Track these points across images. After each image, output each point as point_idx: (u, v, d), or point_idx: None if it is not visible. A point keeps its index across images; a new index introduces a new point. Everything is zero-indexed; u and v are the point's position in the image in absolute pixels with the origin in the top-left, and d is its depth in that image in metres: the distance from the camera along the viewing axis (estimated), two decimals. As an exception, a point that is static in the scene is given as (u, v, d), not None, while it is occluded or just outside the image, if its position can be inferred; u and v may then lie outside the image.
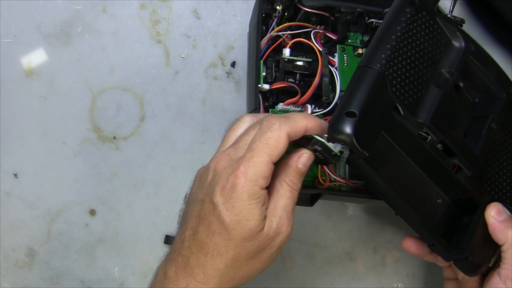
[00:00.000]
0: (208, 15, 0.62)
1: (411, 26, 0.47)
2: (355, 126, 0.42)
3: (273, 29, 0.56)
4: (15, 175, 0.63)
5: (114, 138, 0.63)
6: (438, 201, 0.48)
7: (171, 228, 0.62)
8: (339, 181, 0.53)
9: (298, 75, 0.55)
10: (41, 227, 0.63)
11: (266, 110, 0.54)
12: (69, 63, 0.62)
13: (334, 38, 0.57)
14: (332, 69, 0.55)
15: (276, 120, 0.44)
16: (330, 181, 0.53)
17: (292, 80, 0.55)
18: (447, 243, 0.48)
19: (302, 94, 0.53)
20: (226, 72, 0.63)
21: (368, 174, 0.45)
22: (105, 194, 0.63)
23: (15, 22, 0.62)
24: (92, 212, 0.63)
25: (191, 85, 0.62)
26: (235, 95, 0.64)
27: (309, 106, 0.53)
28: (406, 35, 0.47)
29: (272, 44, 0.55)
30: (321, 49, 0.55)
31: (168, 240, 0.62)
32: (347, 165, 0.54)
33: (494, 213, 0.48)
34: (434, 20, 0.49)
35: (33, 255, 0.64)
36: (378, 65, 0.45)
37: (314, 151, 0.46)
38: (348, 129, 0.43)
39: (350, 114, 0.43)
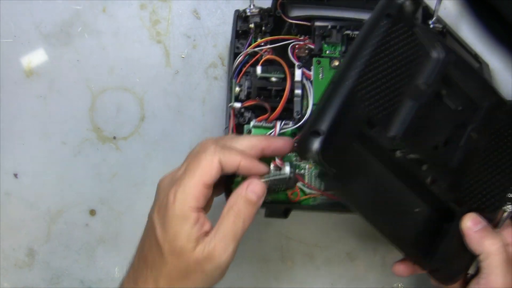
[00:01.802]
0: (208, 15, 0.62)
1: (387, 39, 0.47)
2: (322, 144, 0.43)
3: (249, 44, 0.56)
4: (15, 175, 0.63)
5: (114, 138, 0.63)
6: (416, 210, 0.48)
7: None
8: (314, 193, 0.54)
9: (273, 90, 0.55)
10: (41, 227, 0.63)
11: (242, 127, 0.55)
12: (69, 63, 0.62)
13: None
14: (306, 82, 0.55)
15: (212, 145, 0.46)
16: (305, 194, 0.54)
17: (267, 95, 0.55)
18: (424, 252, 0.48)
19: (274, 110, 0.54)
20: (226, 72, 0.63)
21: (339, 189, 0.46)
22: (105, 194, 0.63)
23: (15, 22, 0.62)
24: (92, 212, 0.63)
25: (191, 85, 0.62)
26: (235, 95, 0.64)
27: (278, 124, 0.53)
28: (381, 48, 0.46)
29: (251, 59, 0.56)
30: (296, 63, 0.55)
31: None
32: None
33: (469, 224, 0.48)
34: (412, 32, 0.48)
35: (33, 255, 0.64)
36: (348, 81, 0.45)
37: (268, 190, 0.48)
38: (314, 148, 0.43)
39: (317, 133, 0.43)
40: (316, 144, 0.43)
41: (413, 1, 0.48)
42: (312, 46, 0.57)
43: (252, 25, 0.56)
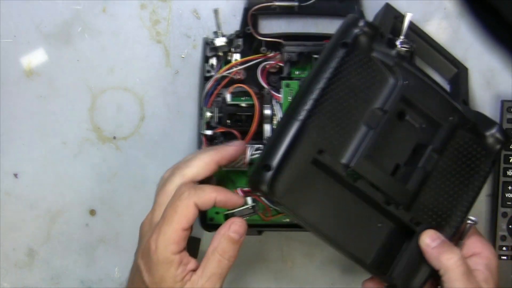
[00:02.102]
0: (208, 15, 0.62)
1: (342, 68, 0.47)
2: (271, 179, 0.46)
3: (219, 69, 0.57)
4: (15, 175, 0.63)
5: (114, 138, 0.63)
6: (378, 225, 0.50)
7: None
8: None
9: (243, 116, 0.56)
10: (41, 227, 0.63)
11: None
12: (69, 63, 0.62)
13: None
14: (276, 106, 0.56)
15: (186, 189, 0.48)
16: (278, 212, 0.56)
17: (238, 120, 0.56)
18: (385, 269, 0.50)
19: (246, 133, 0.55)
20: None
21: (292, 216, 0.48)
22: (105, 194, 0.63)
23: (15, 22, 0.62)
24: (92, 212, 0.63)
25: (191, 85, 0.62)
26: (235, 95, 0.64)
27: (248, 150, 0.54)
28: (336, 77, 0.47)
29: (223, 80, 0.57)
30: (266, 87, 0.56)
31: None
32: None
33: (427, 240, 0.49)
34: (368, 58, 0.48)
35: (33, 255, 0.64)
36: (300, 115, 0.46)
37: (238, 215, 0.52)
38: (263, 183, 0.46)
39: (267, 168, 0.46)
40: (265, 179, 0.46)
41: (370, 28, 0.49)
42: (282, 64, 0.58)
43: (221, 53, 0.57)
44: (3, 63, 0.62)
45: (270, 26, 0.62)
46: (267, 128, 0.56)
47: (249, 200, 0.52)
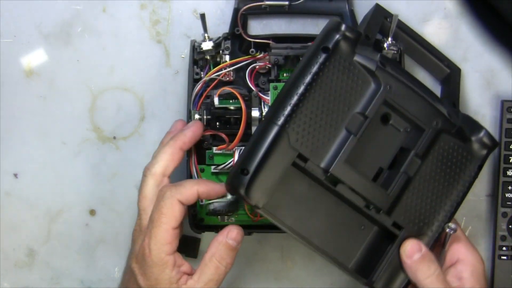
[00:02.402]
0: (208, 15, 0.62)
1: (322, 73, 0.47)
2: (248, 183, 0.46)
3: (208, 72, 0.57)
4: (15, 175, 0.63)
5: (114, 138, 0.63)
6: (362, 227, 0.50)
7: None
8: None
9: (231, 118, 0.56)
10: (41, 227, 0.63)
11: (204, 151, 0.57)
12: (69, 63, 0.62)
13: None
14: (264, 108, 0.56)
15: (167, 189, 0.50)
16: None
17: (227, 122, 0.57)
18: (366, 271, 0.50)
19: (235, 136, 0.55)
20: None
21: (271, 219, 0.48)
22: (105, 194, 0.63)
23: (15, 22, 0.62)
24: (92, 212, 0.63)
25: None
26: (235, 95, 0.64)
27: (236, 152, 0.55)
28: (316, 82, 0.47)
29: (211, 83, 0.57)
30: (253, 90, 0.56)
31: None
32: None
33: (408, 251, 0.49)
34: (350, 63, 0.48)
35: (33, 255, 0.64)
36: (279, 120, 0.47)
37: (214, 213, 0.53)
38: (240, 186, 0.46)
39: (244, 172, 0.46)
40: (242, 182, 0.46)
41: (351, 33, 0.48)
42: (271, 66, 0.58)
43: (208, 57, 0.57)
44: (3, 63, 0.62)
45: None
46: (255, 129, 0.56)
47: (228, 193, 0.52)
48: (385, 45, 0.55)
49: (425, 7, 0.62)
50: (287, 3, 0.58)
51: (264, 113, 0.56)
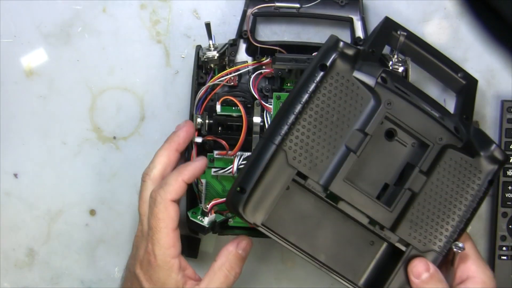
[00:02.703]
0: (208, 15, 0.62)
1: (320, 90, 0.47)
2: (245, 201, 0.47)
3: (212, 77, 0.57)
4: (15, 175, 0.63)
5: (114, 138, 0.63)
6: (370, 243, 0.50)
7: (171, 228, 0.62)
8: None
9: (233, 125, 0.57)
10: (41, 227, 0.63)
11: (205, 154, 0.57)
12: (69, 63, 0.62)
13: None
14: (266, 116, 0.56)
15: (157, 194, 0.50)
16: None
17: (229, 128, 0.57)
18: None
19: (233, 146, 0.56)
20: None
21: (273, 237, 0.48)
22: (105, 194, 0.63)
23: (15, 22, 0.62)
24: (92, 212, 0.63)
25: (191, 85, 0.62)
26: (235, 95, 0.64)
27: (235, 160, 0.56)
28: (313, 101, 0.47)
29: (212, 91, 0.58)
30: (256, 98, 0.56)
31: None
32: None
33: (415, 272, 0.49)
34: (349, 79, 0.48)
35: (33, 255, 0.64)
36: (276, 139, 0.47)
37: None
38: (238, 204, 0.47)
39: (242, 191, 0.47)
40: (239, 201, 0.47)
41: (349, 50, 0.48)
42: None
43: (212, 65, 0.57)
44: (3, 63, 0.62)
45: (268, 31, 0.62)
46: (256, 138, 0.56)
47: (206, 219, 0.55)
48: (390, 63, 0.54)
49: (425, 7, 0.62)
50: (298, 5, 0.58)
51: (266, 122, 0.56)
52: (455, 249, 0.49)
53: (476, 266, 0.50)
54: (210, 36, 0.56)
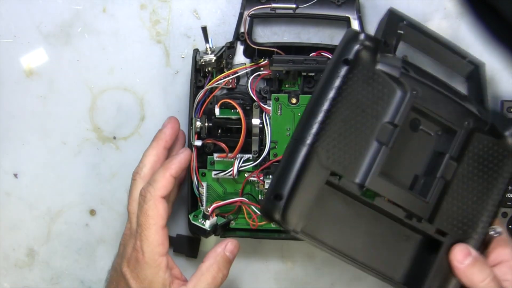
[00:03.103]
0: (208, 15, 0.62)
1: (346, 86, 0.46)
2: (283, 208, 0.45)
3: (210, 80, 0.57)
4: (15, 175, 0.63)
5: (114, 138, 0.63)
6: (405, 238, 0.49)
7: (171, 228, 0.62)
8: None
9: (233, 128, 0.57)
10: (41, 227, 0.63)
11: (206, 156, 0.58)
12: (69, 63, 0.62)
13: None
14: (265, 118, 0.56)
15: (146, 191, 0.51)
16: (262, 220, 0.58)
17: (228, 131, 0.57)
18: (417, 283, 0.49)
19: (233, 149, 0.56)
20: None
21: (312, 242, 0.47)
22: (105, 194, 0.63)
23: (15, 22, 0.62)
24: (92, 212, 0.63)
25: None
26: (235, 95, 0.64)
27: (236, 163, 0.56)
28: (340, 97, 0.46)
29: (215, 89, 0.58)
30: (254, 100, 0.56)
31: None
32: None
33: (458, 257, 0.48)
34: (373, 72, 0.47)
35: (33, 255, 0.64)
36: (307, 140, 0.46)
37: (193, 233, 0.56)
38: (275, 212, 0.45)
39: (278, 197, 0.45)
40: (277, 209, 0.45)
41: (371, 41, 0.47)
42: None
43: (210, 68, 0.57)
44: (3, 63, 0.62)
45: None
46: (255, 140, 0.56)
47: (207, 222, 0.55)
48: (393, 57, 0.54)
49: (425, 7, 0.62)
50: (294, 6, 0.58)
51: (265, 124, 0.56)
52: (493, 234, 0.49)
53: (509, 250, 0.50)
54: (206, 39, 0.56)
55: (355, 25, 0.58)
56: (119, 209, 0.63)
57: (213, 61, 0.56)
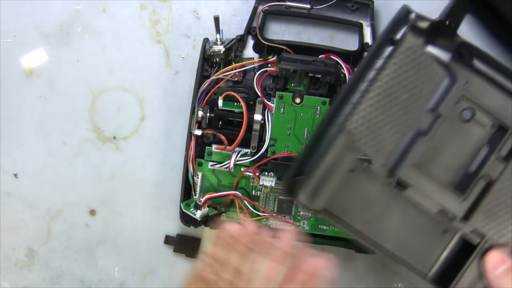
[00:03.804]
0: (208, 15, 0.62)
1: (389, 67, 0.44)
2: (305, 186, 0.44)
3: (217, 71, 0.57)
4: (15, 175, 0.63)
5: (114, 138, 0.63)
6: (443, 233, 0.47)
7: (171, 228, 0.62)
8: (266, 215, 0.58)
9: (234, 121, 0.57)
10: (41, 227, 0.63)
11: (204, 146, 0.58)
12: (69, 63, 0.62)
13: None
14: (267, 115, 0.56)
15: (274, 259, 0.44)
16: (253, 216, 0.58)
17: (230, 123, 0.57)
18: (446, 281, 0.46)
19: (232, 142, 0.56)
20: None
21: (335, 223, 0.46)
22: (105, 194, 0.63)
23: (15, 22, 0.62)
24: (92, 212, 0.63)
25: (191, 85, 0.62)
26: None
27: (233, 156, 0.56)
28: (381, 78, 0.44)
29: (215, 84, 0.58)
30: (259, 95, 0.56)
31: (168, 240, 0.62)
32: (276, 200, 0.58)
33: (493, 263, 0.46)
34: (421, 54, 0.44)
35: (33, 255, 0.64)
36: (339, 119, 0.44)
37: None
38: (296, 190, 0.44)
39: (301, 175, 0.44)
40: (298, 186, 0.44)
41: (422, 21, 0.44)
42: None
43: (218, 59, 0.57)
44: (3, 63, 0.62)
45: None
46: (255, 136, 0.56)
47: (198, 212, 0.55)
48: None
49: (425, 7, 0.62)
50: (308, 6, 0.58)
51: (266, 120, 0.56)
52: None
53: None
54: (218, 30, 0.56)
55: (367, 32, 0.58)
56: (119, 209, 0.63)
57: (222, 52, 0.56)
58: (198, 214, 0.55)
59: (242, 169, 0.57)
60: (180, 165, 0.60)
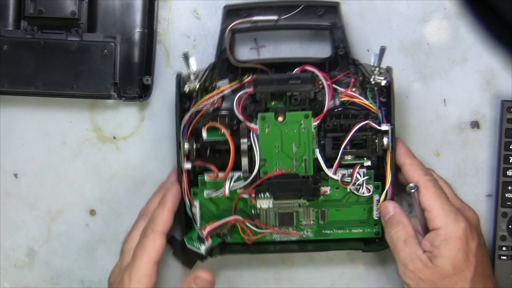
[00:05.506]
0: (208, 15, 0.62)
1: None
2: None
3: (195, 103, 0.56)
4: (15, 175, 0.63)
5: (114, 138, 0.63)
6: None
7: (171, 228, 0.62)
8: (265, 232, 0.59)
9: (222, 149, 0.56)
10: (41, 227, 0.63)
11: (196, 174, 0.57)
12: (69, 63, 0.62)
13: None
14: (253, 137, 0.56)
15: (147, 228, 0.53)
16: (255, 234, 0.58)
17: (218, 151, 0.57)
18: None
19: (223, 167, 0.55)
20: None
21: None
22: (105, 194, 0.63)
23: (15, 22, 0.62)
24: (92, 212, 0.63)
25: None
26: (235, 95, 0.64)
27: (226, 183, 0.55)
28: None
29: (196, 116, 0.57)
30: (242, 120, 0.55)
31: (172, 240, 0.62)
32: (276, 214, 0.59)
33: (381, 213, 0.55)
34: None
35: (33, 255, 0.64)
36: None
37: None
38: None
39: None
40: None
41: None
42: None
43: (194, 94, 0.56)
44: (3, 63, 0.62)
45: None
46: (244, 161, 0.56)
47: (202, 247, 0.56)
48: (372, 77, 0.54)
49: (425, 7, 0.62)
50: (275, 17, 0.57)
51: (253, 143, 0.55)
52: (410, 191, 0.50)
53: (439, 217, 0.50)
54: (188, 66, 0.55)
55: (338, 34, 0.58)
56: (119, 209, 0.63)
57: (197, 88, 0.55)
58: (202, 249, 0.56)
59: (238, 191, 0.57)
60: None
